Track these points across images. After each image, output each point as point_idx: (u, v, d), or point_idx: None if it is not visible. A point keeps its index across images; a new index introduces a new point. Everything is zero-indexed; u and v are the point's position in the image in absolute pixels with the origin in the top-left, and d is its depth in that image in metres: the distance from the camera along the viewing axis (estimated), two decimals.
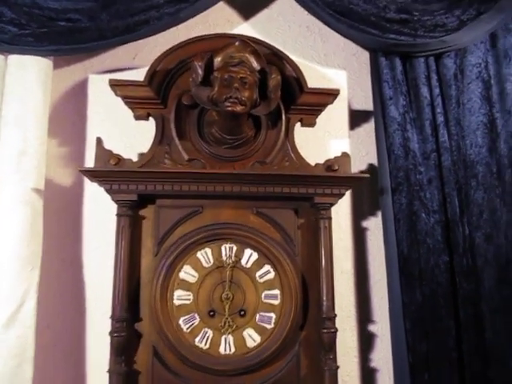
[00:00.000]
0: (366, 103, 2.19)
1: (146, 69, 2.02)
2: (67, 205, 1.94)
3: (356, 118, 2.19)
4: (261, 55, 1.67)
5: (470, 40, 2.08)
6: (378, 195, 2.03)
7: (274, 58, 1.81)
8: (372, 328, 2.02)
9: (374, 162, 2.12)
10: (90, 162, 1.94)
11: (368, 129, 2.18)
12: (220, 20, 2.21)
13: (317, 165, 1.83)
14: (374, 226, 2.08)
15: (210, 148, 1.77)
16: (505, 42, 2.16)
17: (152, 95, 1.77)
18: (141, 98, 1.77)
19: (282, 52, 1.83)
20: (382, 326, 2.00)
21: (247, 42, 1.66)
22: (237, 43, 1.66)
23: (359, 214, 2.09)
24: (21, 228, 1.64)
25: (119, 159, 1.72)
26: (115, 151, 1.72)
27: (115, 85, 1.75)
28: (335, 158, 1.83)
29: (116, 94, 1.82)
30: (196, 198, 1.75)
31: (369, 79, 2.17)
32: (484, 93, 2.11)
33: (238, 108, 1.59)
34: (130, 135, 2.01)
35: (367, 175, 1.79)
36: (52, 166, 1.90)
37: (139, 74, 1.99)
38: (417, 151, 2.00)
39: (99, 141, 1.73)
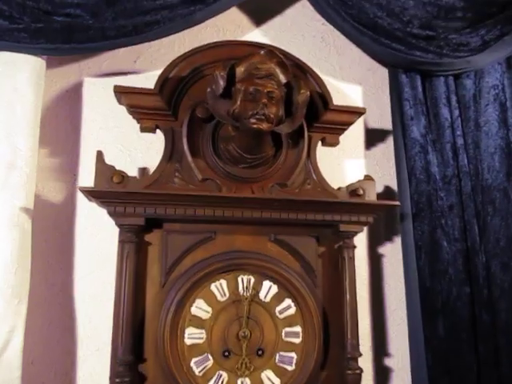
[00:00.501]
0: (383, 122, 2.08)
1: (149, 74, 1.86)
2: (58, 223, 1.70)
3: (372, 137, 2.07)
4: (288, 67, 1.51)
5: (491, 61, 2.00)
6: (397, 221, 1.91)
7: (297, 70, 1.66)
8: (388, 362, 1.89)
9: (391, 184, 2.01)
10: (84, 176, 1.72)
11: (384, 149, 2.06)
12: (229, 25, 2.04)
13: (340, 189, 1.70)
14: (391, 252, 1.96)
15: (226, 167, 1.60)
16: None
17: (162, 105, 1.57)
18: (149, 108, 1.57)
19: (306, 65, 1.69)
20: (399, 360, 1.88)
21: (274, 52, 1.50)
22: (262, 52, 1.50)
23: (376, 240, 1.97)
24: (8, 253, 1.41)
25: (123, 176, 1.51)
26: (114, 166, 1.52)
27: (121, 92, 1.54)
28: (359, 181, 1.70)
29: (120, 102, 1.61)
30: (208, 223, 1.57)
31: (385, 96, 2.06)
32: (501, 116, 2.03)
33: (265, 125, 1.43)
34: (130, 147, 1.79)
35: (397, 203, 1.67)
36: (41, 179, 1.66)
37: (140, 80, 1.81)
38: (437, 175, 1.90)
39: (100, 155, 1.52)
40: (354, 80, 2.12)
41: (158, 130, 1.64)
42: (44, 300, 1.65)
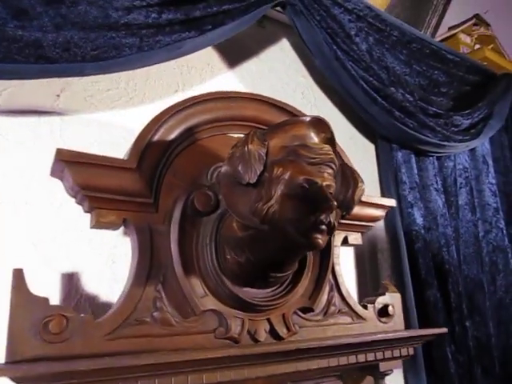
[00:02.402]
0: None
1: (81, 117, 1.19)
2: None
3: None
4: (336, 147, 1.04)
5: (479, 144, 1.89)
6: None
7: None
8: None
9: None
10: None
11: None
12: (196, 61, 1.47)
13: (366, 307, 1.27)
14: None
15: (234, 288, 1.02)
16: (482, 148, 2.04)
17: (140, 188, 0.93)
18: (118, 192, 0.91)
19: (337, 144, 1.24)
20: None
21: (325, 124, 1.01)
22: (308, 121, 1.00)
23: None
24: None
25: (66, 319, 0.81)
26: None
27: (70, 161, 0.85)
28: (380, 295, 1.31)
29: (57, 176, 0.91)
30: None
31: (367, 167, 1.74)
32: (471, 199, 1.92)
33: (325, 239, 0.92)
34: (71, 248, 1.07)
35: (445, 330, 1.30)
36: None
37: (67, 125, 1.13)
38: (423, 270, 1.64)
39: (19, 275, 0.80)
40: None
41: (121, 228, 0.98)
42: None
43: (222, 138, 1.12)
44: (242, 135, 1.16)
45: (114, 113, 1.28)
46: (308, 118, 1.00)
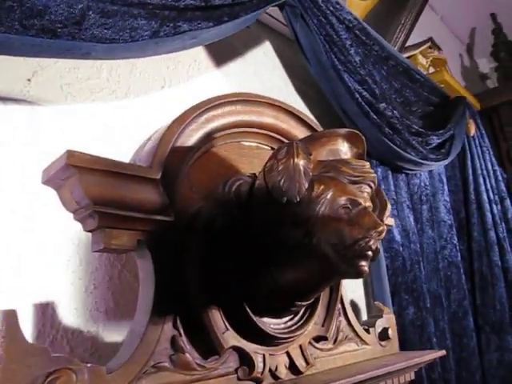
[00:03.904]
0: None
1: (55, 108, 0.98)
2: None
3: None
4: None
5: (445, 164, 1.95)
6: None
7: None
8: None
9: None
10: None
11: None
12: (184, 56, 1.31)
13: (367, 331, 1.20)
14: None
15: (258, 321, 0.88)
16: (438, 167, 2.13)
17: (163, 203, 0.76)
18: (136, 208, 0.73)
19: None
20: None
21: (360, 139, 0.93)
22: (343, 133, 0.91)
23: None
24: None
25: (75, 374, 0.62)
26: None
27: (81, 167, 0.66)
28: (377, 317, 1.26)
29: (58, 188, 0.72)
30: None
31: None
32: (432, 216, 1.99)
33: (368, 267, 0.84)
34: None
35: (444, 352, 1.27)
36: None
37: (35, 114, 0.93)
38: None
39: (11, 319, 0.60)
40: None
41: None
42: None
43: (235, 146, 0.99)
44: (253, 144, 1.04)
45: (94, 106, 1.08)
46: (343, 131, 0.91)
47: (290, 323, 0.96)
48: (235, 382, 0.82)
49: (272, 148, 1.07)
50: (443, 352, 1.23)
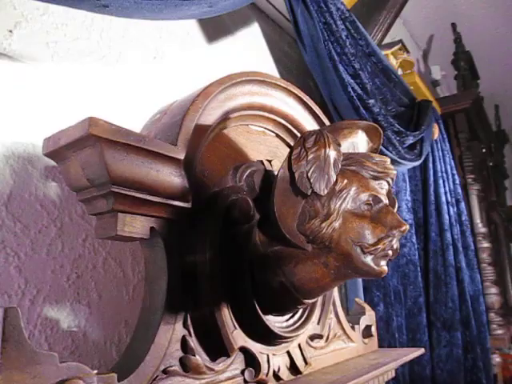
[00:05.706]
0: None
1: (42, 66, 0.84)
2: None
3: None
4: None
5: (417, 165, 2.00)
6: None
7: None
8: None
9: None
10: None
11: None
12: (177, 27, 1.20)
13: (353, 328, 1.19)
14: None
15: (265, 318, 0.83)
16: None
17: (183, 187, 0.68)
18: (156, 191, 0.64)
19: None
20: None
21: (378, 133, 0.90)
22: (363, 126, 0.87)
23: None
24: None
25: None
26: None
27: (105, 138, 0.55)
28: (357, 313, 1.26)
29: (65, 160, 0.60)
30: None
31: None
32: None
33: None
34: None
35: (423, 350, 1.29)
36: None
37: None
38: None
39: (13, 319, 0.49)
40: None
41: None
42: None
43: (244, 129, 0.91)
44: (260, 129, 0.97)
45: (82, 69, 0.95)
46: (363, 124, 0.88)
47: (290, 322, 0.91)
48: None
49: (277, 135, 1.00)
50: (422, 350, 1.25)
